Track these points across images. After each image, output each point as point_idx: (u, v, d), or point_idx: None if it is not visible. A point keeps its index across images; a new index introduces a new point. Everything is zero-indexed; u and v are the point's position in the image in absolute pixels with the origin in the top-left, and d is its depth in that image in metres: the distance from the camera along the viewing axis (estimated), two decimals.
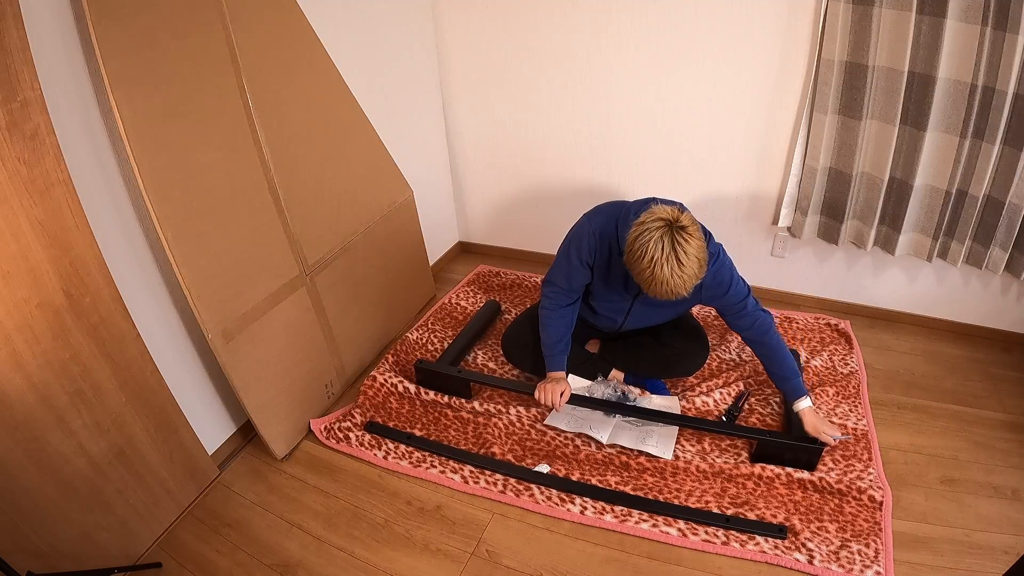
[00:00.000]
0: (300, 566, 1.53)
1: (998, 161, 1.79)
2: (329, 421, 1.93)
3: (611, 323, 1.90)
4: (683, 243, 1.37)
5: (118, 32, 1.27)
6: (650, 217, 1.42)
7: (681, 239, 1.38)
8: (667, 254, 1.37)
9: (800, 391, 1.66)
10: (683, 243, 1.37)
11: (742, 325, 1.70)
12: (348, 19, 2.00)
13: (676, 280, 1.38)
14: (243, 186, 1.62)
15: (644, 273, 1.40)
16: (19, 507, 1.26)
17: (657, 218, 1.40)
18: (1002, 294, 2.12)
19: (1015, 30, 1.57)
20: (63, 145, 1.23)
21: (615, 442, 1.77)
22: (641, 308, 1.80)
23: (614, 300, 1.80)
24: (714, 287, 1.63)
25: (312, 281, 1.88)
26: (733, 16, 1.97)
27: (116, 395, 1.43)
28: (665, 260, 1.37)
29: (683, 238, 1.38)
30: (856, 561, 1.41)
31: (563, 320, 1.78)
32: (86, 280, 1.32)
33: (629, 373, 2.01)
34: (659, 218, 1.40)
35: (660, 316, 1.86)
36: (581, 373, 1.96)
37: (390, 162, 2.22)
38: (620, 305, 1.81)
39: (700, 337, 1.98)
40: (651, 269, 1.38)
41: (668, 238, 1.38)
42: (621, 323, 1.88)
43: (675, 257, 1.37)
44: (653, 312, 1.82)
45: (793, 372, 1.68)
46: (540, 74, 2.36)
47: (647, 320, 1.87)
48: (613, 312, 1.84)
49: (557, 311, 1.78)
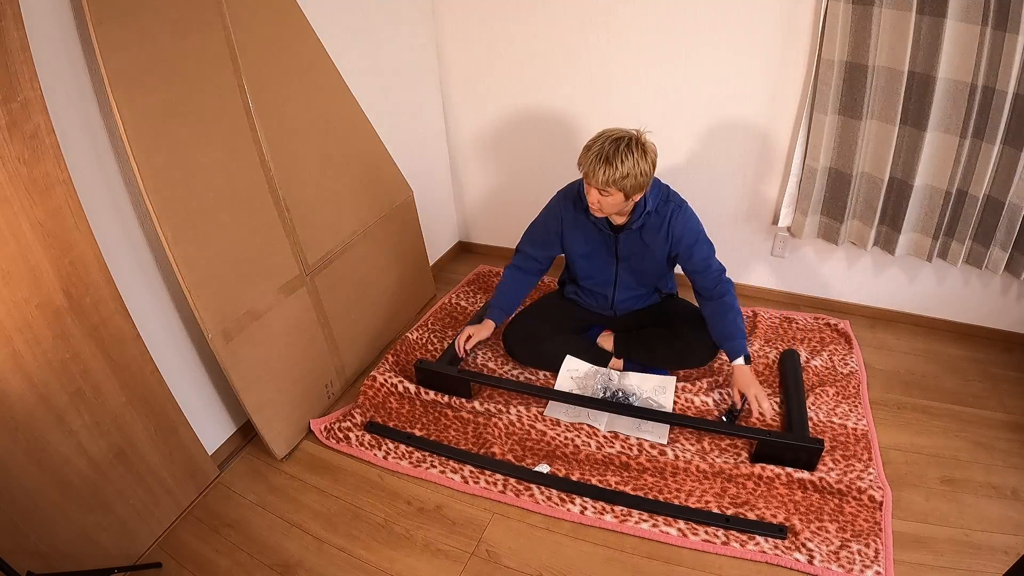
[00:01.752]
0: (300, 566, 1.53)
1: (998, 161, 1.79)
2: (329, 421, 1.93)
3: (603, 300, 1.98)
4: (634, 146, 1.55)
5: (118, 32, 1.27)
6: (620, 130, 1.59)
7: (634, 144, 1.55)
8: (615, 139, 1.55)
9: (741, 351, 1.77)
10: (634, 146, 1.55)
11: (706, 283, 1.82)
12: (348, 19, 2.00)
13: (603, 162, 1.54)
14: (243, 186, 1.62)
15: (588, 144, 1.58)
16: (19, 507, 1.26)
17: (634, 129, 1.59)
18: (1002, 294, 2.12)
19: (1015, 30, 1.57)
20: (63, 145, 1.23)
21: (613, 429, 1.81)
22: (627, 275, 1.91)
23: (598, 268, 1.92)
24: (685, 235, 1.77)
25: (312, 281, 1.88)
26: (733, 16, 1.97)
27: (116, 395, 1.43)
28: (610, 141, 1.54)
29: (636, 145, 1.55)
30: (856, 561, 1.41)
31: (517, 282, 1.99)
32: (86, 280, 1.32)
33: (642, 366, 2.03)
34: (635, 130, 1.59)
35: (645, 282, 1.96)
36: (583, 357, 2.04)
37: (390, 162, 2.22)
38: (605, 273, 1.92)
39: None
40: (594, 141, 1.57)
41: (626, 135, 1.56)
42: (612, 297, 1.96)
43: (617, 145, 1.54)
44: (637, 278, 1.92)
45: (740, 333, 1.79)
46: (540, 74, 2.36)
47: (635, 290, 1.95)
48: (601, 285, 1.95)
49: (514, 271, 2.01)
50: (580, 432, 1.80)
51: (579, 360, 2.03)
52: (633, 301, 2.01)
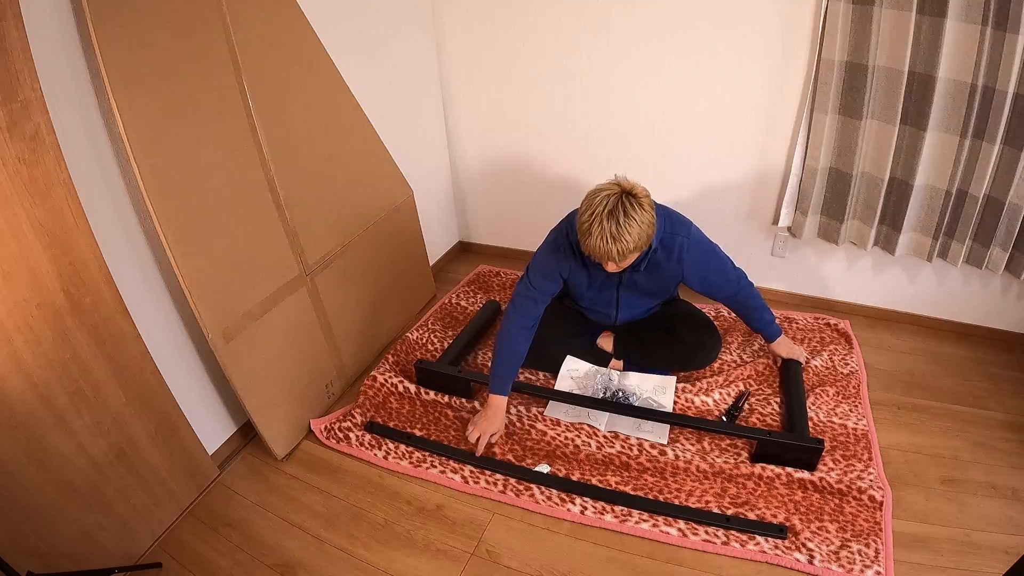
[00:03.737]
0: (300, 566, 1.53)
1: (998, 161, 1.79)
2: (329, 421, 1.93)
3: (606, 317, 1.96)
4: (629, 208, 1.42)
5: (118, 32, 1.27)
6: (607, 183, 1.48)
7: (629, 203, 1.43)
8: (609, 211, 1.42)
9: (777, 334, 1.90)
10: (629, 208, 1.42)
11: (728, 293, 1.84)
12: (348, 19, 2.00)
13: (610, 241, 1.42)
14: (243, 186, 1.62)
15: (583, 226, 1.45)
16: (19, 507, 1.26)
17: (613, 183, 1.47)
18: (1002, 294, 2.12)
19: (1015, 30, 1.57)
20: (63, 145, 1.23)
21: (613, 429, 1.81)
22: (628, 297, 1.87)
23: (599, 295, 1.87)
24: (697, 270, 1.73)
25: (312, 281, 1.88)
26: (733, 16, 1.96)
27: (116, 395, 1.43)
28: (607, 216, 1.41)
29: (631, 203, 1.43)
30: (856, 561, 1.41)
31: (523, 344, 1.78)
32: (86, 280, 1.32)
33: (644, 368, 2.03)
34: (615, 183, 1.47)
35: (648, 300, 1.93)
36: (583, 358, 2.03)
37: (390, 162, 2.22)
38: (607, 297, 1.88)
39: (712, 330, 2.01)
40: (590, 223, 1.43)
41: (616, 199, 1.43)
42: (615, 316, 1.93)
43: (615, 218, 1.41)
44: (641, 299, 1.89)
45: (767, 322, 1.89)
46: (540, 75, 2.36)
47: (639, 307, 1.93)
48: (603, 305, 1.91)
49: (521, 332, 1.77)
50: (580, 432, 1.80)
51: (579, 360, 2.02)
52: (636, 314, 1.99)
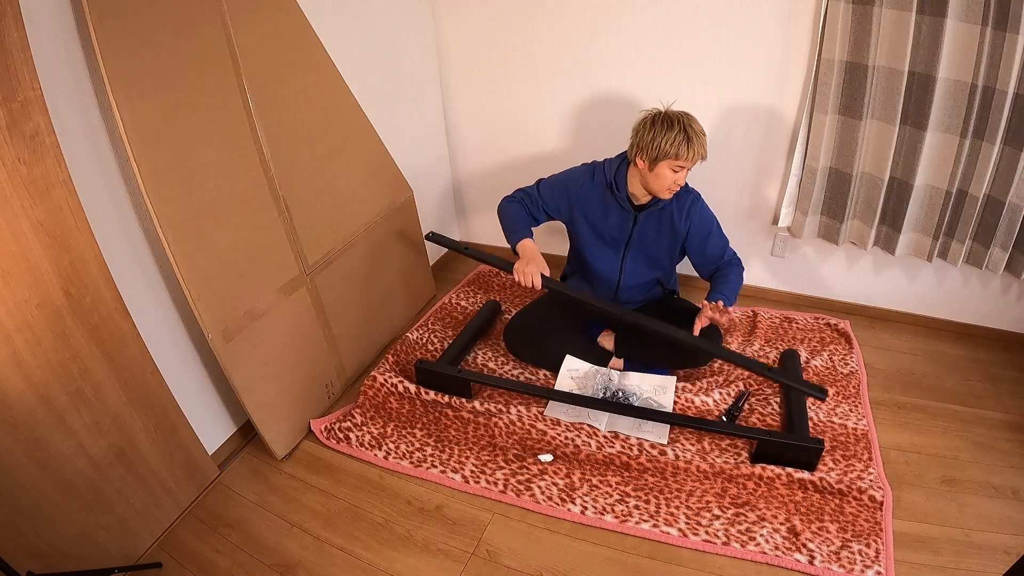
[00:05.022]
0: (300, 566, 1.53)
1: (998, 161, 1.79)
2: (329, 421, 1.93)
3: (608, 285, 1.99)
4: (686, 114, 1.66)
5: (118, 32, 1.27)
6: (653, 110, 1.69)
7: (684, 113, 1.66)
8: (679, 115, 1.65)
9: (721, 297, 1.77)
10: (686, 114, 1.66)
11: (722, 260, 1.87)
12: (348, 19, 2.00)
13: (699, 136, 1.64)
14: (243, 186, 1.62)
15: (667, 124, 1.63)
16: (19, 507, 1.26)
17: (659, 109, 1.68)
18: (1002, 294, 2.12)
19: (1015, 30, 1.57)
20: (63, 145, 1.23)
21: (613, 429, 1.81)
22: (634, 261, 1.92)
23: (606, 251, 1.93)
24: (703, 224, 1.83)
25: (312, 281, 1.88)
26: (733, 16, 1.96)
27: (116, 395, 1.43)
28: (682, 118, 1.64)
29: (684, 113, 1.66)
30: (857, 561, 1.41)
31: (523, 210, 1.94)
32: (86, 280, 1.32)
33: (643, 365, 2.03)
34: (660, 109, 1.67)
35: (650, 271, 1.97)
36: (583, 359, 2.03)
37: (390, 162, 2.22)
38: (613, 256, 1.93)
39: (713, 328, 2.00)
40: (675, 126, 1.63)
41: (676, 111, 1.66)
42: (618, 281, 1.97)
43: (688, 118, 1.65)
44: (647, 261, 1.93)
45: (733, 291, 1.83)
46: (540, 74, 2.36)
47: (640, 277, 1.97)
48: (607, 270, 1.96)
49: (516, 203, 1.94)
50: (580, 432, 1.80)
51: (579, 360, 2.03)
52: (637, 290, 2.00)
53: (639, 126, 1.70)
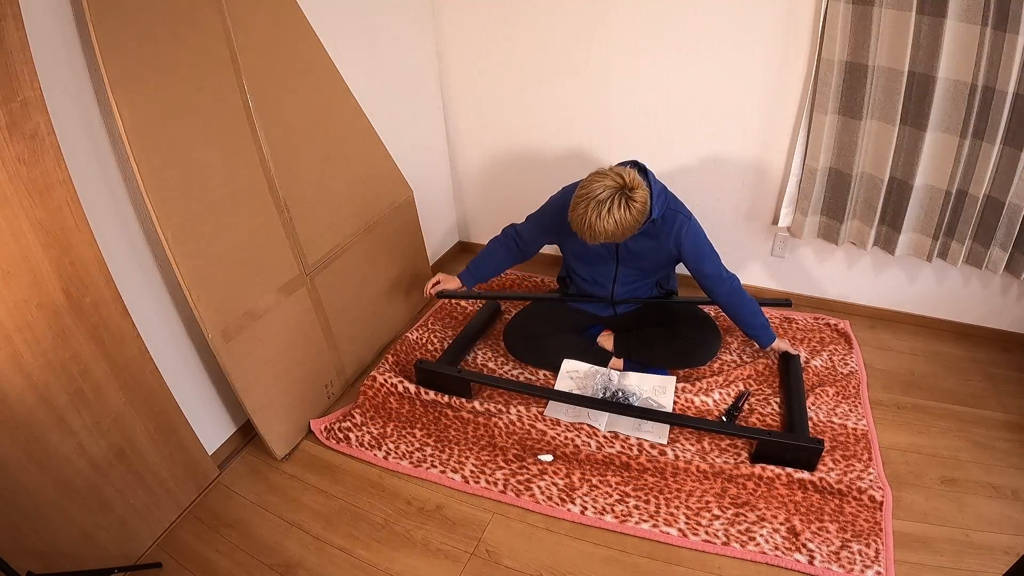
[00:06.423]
0: (300, 566, 1.53)
1: (998, 161, 1.79)
2: (329, 421, 1.93)
3: (604, 291, 2.00)
4: (617, 206, 1.52)
5: (118, 32, 1.27)
6: (612, 170, 1.57)
7: (621, 200, 1.52)
8: (600, 200, 1.51)
9: (771, 339, 1.94)
10: (617, 206, 1.52)
11: (719, 293, 1.86)
12: (348, 19, 2.00)
13: (588, 226, 1.54)
14: (243, 186, 1.62)
15: (575, 201, 1.56)
16: (19, 507, 1.26)
17: (617, 174, 1.55)
18: (1002, 294, 2.12)
19: (1015, 30, 1.57)
20: (63, 145, 1.23)
21: (613, 429, 1.81)
22: (627, 272, 1.92)
23: (597, 269, 1.94)
24: (693, 251, 1.79)
25: (312, 281, 1.88)
26: (733, 16, 1.96)
27: (116, 395, 1.43)
28: (597, 204, 1.51)
29: (623, 202, 1.53)
30: (857, 561, 1.41)
31: (500, 257, 2.01)
32: (86, 280, 1.32)
33: (643, 365, 2.04)
34: (618, 174, 1.55)
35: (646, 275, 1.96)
36: (583, 359, 2.04)
37: (390, 162, 2.22)
38: (605, 272, 1.93)
39: (712, 327, 2.02)
40: (581, 202, 1.54)
41: (611, 192, 1.52)
42: (612, 289, 1.97)
43: (601, 209, 1.52)
44: (640, 273, 1.93)
45: (761, 326, 1.91)
46: (540, 74, 2.35)
47: (635, 283, 1.97)
48: (602, 279, 1.96)
49: (501, 248, 2.00)
50: (580, 432, 1.80)
51: (579, 361, 2.02)
52: (632, 292, 2.01)
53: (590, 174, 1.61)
